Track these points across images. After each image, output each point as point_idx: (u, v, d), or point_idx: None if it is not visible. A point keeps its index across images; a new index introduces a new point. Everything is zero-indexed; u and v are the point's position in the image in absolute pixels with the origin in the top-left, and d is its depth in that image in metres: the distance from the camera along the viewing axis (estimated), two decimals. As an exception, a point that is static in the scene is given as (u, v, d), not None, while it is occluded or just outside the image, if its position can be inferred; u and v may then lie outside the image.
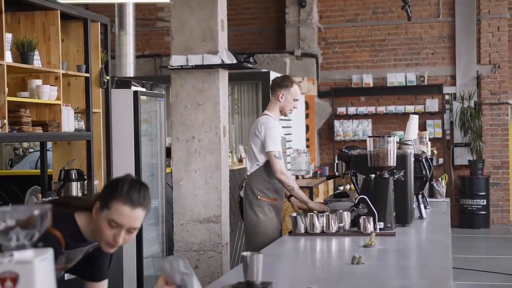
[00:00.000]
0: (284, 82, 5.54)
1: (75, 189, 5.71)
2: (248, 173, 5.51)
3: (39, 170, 6.08)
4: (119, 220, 2.69)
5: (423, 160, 5.27)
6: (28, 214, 1.82)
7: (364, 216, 4.42)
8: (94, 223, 2.78)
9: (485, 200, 12.84)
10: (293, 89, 5.52)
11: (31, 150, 9.25)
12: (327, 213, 4.51)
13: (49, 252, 1.86)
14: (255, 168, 5.44)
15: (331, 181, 11.77)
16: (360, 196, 4.56)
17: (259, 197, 5.41)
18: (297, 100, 5.57)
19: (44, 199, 5.94)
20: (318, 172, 11.42)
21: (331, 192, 10.61)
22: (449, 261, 3.54)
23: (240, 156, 8.69)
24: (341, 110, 13.53)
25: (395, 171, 4.67)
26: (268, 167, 5.39)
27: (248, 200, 5.46)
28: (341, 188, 12.60)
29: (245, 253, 2.83)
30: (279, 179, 5.32)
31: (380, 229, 4.44)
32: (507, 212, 13.27)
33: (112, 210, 2.69)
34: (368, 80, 13.45)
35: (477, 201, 12.82)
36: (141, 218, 2.74)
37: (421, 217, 5.22)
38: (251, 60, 6.36)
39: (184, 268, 2.75)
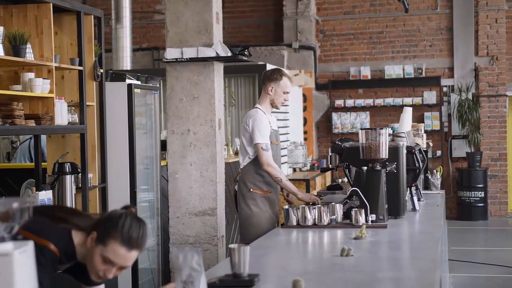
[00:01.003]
0: (273, 75, 5.53)
1: (69, 182, 5.70)
2: (240, 167, 5.54)
3: (33, 164, 6.08)
4: (113, 259, 2.71)
5: (416, 152, 5.27)
6: (7, 207, 1.82)
7: (356, 209, 4.43)
8: (88, 251, 2.77)
9: (483, 192, 12.85)
10: (282, 82, 5.51)
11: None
12: (319, 206, 4.52)
13: (29, 245, 1.87)
14: (247, 161, 5.46)
15: (328, 174, 11.78)
16: (352, 189, 4.56)
17: (251, 189, 5.42)
18: (287, 92, 5.56)
19: (26, 185, 5.91)
20: (316, 164, 11.43)
21: (328, 184, 10.61)
22: (437, 253, 3.54)
23: (236, 149, 8.70)
24: (339, 102, 13.52)
25: (387, 163, 4.68)
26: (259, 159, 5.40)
27: (241, 193, 5.48)
28: (339, 180, 12.62)
29: (232, 246, 2.84)
30: (266, 171, 5.33)
31: (372, 221, 4.45)
32: (505, 204, 13.28)
33: (108, 248, 2.70)
34: (366, 72, 13.44)
35: (475, 193, 12.83)
36: (134, 258, 2.76)
37: (414, 209, 5.23)
38: (246, 52, 6.35)
39: (196, 264, 2.75)
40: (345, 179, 12.03)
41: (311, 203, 5.14)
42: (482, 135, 13.07)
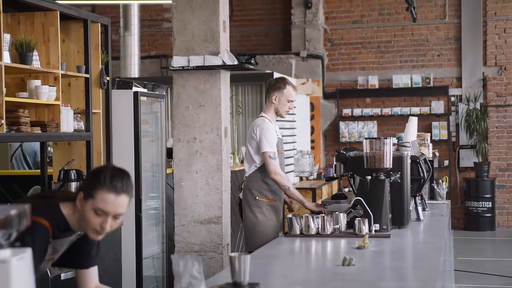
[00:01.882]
0: (277, 84, 5.56)
1: (74, 189, 5.72)
2: (246, 175, 5.55)
3: (39, 171, 6.10)
4: (105, 208, 2.79)
5: (421, 162, 5.26)
6: (5, 214, 1.83)
7: (359, 218, 4.42)
8: (79, 213, 2.85)
9: (490, 202, 12.80)
10: (286, 90, 5.52)
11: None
12: (323, 215, 4.51)
13: (27, 252, 1.87)
14: (253, 169, 5.48)
15: (335, 183, 11.76)
16: (356, 198, 4.56)
17: (257, 197, 5.44)
18: (292, 101, 5.57)
19: (32, 192, 5.96)
20: (323, 173, 11.41)
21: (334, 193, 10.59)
22: (439, 263, 3.53)
23: (242, 157, 8.70)
24: (346, 111, 13.52)
25: (391, 173, 4.67)
26: (265, 168, 5.41)
27: (247, 201, 5.49)
28: (346, 190, 12.60)
29: (232, 254, 2.84)
30: (273, 180, 5.34)
31: (375, 231, 4.44)
32: (512, 214, 13.23)
33: (97, 199, 2.79)
34: (373, 81, 13.43)
35: (482, 204, 12.78)
36: (125, 204, 2.83)
37: (418, 219, 5.21)
38: (252, 61, 6.36)
39: (197, 272, 2.76)
40: (346, 189, 12.03)
41: (316, 212, 5.15)
42: (490, 145, 13.04)
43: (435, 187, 6.71)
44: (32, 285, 1.88)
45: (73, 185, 5.72)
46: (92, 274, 3.15)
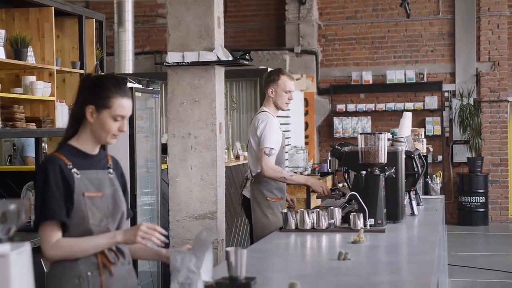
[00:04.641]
0: (271, 76, 5.47)
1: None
2: (253, 173, 5.41)
3: (34, 166, 6.10)
4: (123, 113, 2.93)
5: (415, 157, 5.28)
6: (4, 209, 1.84)
7: (354, 213, 4.44)
8: (92, 128, 2.94)
9: (483, 197, 12.85)
10: (280, 81, 5.42)
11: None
12: (318, 210, 4.52)
13: (26, 246, 1.89)
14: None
15: (329, 178, 11.79)
16: (351, 193, 4.57)
17: (268, 198, 5.35)
18: (289, 91, 5.45)
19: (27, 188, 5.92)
20: (317, 169, 11.42)
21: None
22: (434, 257, 3.55)
23: (237, 153, 8.71)
24: (340, 107, 13.54)
25: (386, 168, 4.68)
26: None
27: (257, 201, 5.39)
28: (340, 185, 12.62)
29: (228, 249, 2.85)
30: (267, 177, 5.27)
31: (370, 225, 4.46)
32: (505, 209, 13.28)
33: (114, 107, 2.91)
34: (367, 77, 13.46)
35: (475, 199, 12.83)
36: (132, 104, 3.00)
37: (413, 214, 5.23)
38: (247, 57, 6.36)
39: (194, 267, 2.78)
40: (340, 184, 12.05)
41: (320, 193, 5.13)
42: (483, 140, 13.08)
43: (429, 182, 6.74)
44: (31, 278, 1.90)
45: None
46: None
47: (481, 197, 12.83)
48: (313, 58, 13.55)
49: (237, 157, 8.53)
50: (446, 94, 13.33)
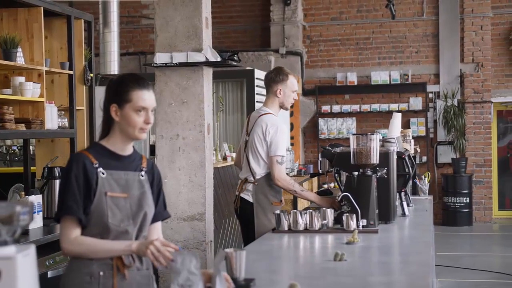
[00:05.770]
0: (279, 76, 5.28)
1: (58, 186, 5.67)
2: (257, 176, 5.25)
3: (22, 168, 6.05)
4: (144, 104, 2.96)
5: (406, 158, 5.29)
6: (10, 211, 1.82)
7: (347, 214, 4.44)
8: (120, 126, 2.99)
9: (468, 198, 12.93)
10: (289, 81, 5.28)
11: (14, 147, 9.21)
12: (311, 211, 4.52)
13: (31, 249, 1.86)
14: (266, 172, 5.22)
15: (315, 179, 11.82)
16: (343, 194, 4.57)
17: (273, 203, 5.25)
18: (295, 91, 5.35)
19: (13, 190, 5.87)
20: (303, 170, 11.45)
21: (315, 190, 10.63)
22: (430, 258, 3.56)
23: (224, 154, 8.70)
24: (325, 108, 13.56)
25: (378, 168, 4.69)
26: None
27: (261, 205, 5.24)
28: (325, 186, 12.65)
29: (228, 250, 2.84)
30: (277, 186, 5.15)
31: (363, 226, 4.46)
32: (489, 209, 13.36)
33: (134, 100, 2.96)
34: (352, 78, 13.49)
35: (460, 199, 12.90)
36: (154, 98, 3.04)
37: (403, 214, 5.25)
38: (235, 58, 6.36)
39: (194, 268, 2.76)
40: (332, 184, 12.07)
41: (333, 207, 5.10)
42: (467, 141, 13.16)
43: (418, 182, 6.76)
44: (36, 281, 1.87)
45: (57, 183, 5.67)
46: (157, 228, 3.22)
47: (465, 198, 12.90)
48: (298, 59, 13.56)
49: (224, 158, 8.51)
50: (430, 95, 13.39)
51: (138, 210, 3.04)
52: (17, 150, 9.40)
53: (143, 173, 3.09)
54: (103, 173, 2.96)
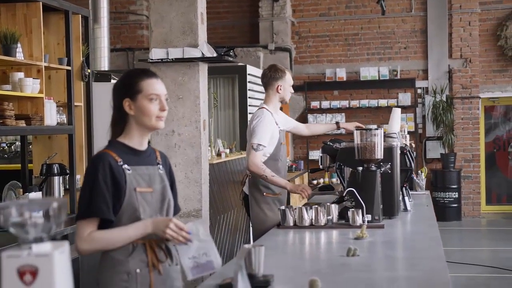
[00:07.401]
0: (278, 73, 5.53)
1: (57, 183, 5.63)
2: (251, 169, 5.33)
3: (19, 165, 5.99)
4: (155, 91, 2.98)
5: (408, 152, 5.30)
6: (46, 207, 1.79)
7: (353, 209, 4.43)
8: (135, 118, 2.98)
9: (456, 193, 12.99)
10: (287, 76, 5.58)
11: (4, 144, 9.12)
12: (316, 206, 4.51)
13: (65, 246, 1.84)
14: None
15: (305, 175, 11.82)
16: (349, 189, 4.56)
17: (265, 193, 5.35)
18: (292, 84, 5.66)
19: (9, 187, 5.80)
20: (293, 166, 11.45)
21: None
22: (442, 252, 3.57)
23: (219, 150, 8.67)
24: (314, 104, 13.56)
25: (381, 163, 4.68)
26: (270, 162, 5.32)
27: (254, 197, 5.38)
28: (315, 182, 12.67)
29: (247, 246, 2.82)
30: (250, 171, 5.28)
31: (368, 221, 4.46)
32: (478, 204, 13.43)
33: (145, 89, 2.97)
34: (341, 74, 13.50)
35: (449, 194, 12.96)
36: (163, 85, 3.07)
37: (405, 209, 5.25)
38: (231, 53, 6.34)
39: (203, 235, 2.76)
40: (321, 180, 12.06)
41: (303, 197, 5.18)
42: (456, 136, 13.21)
43: (415, 177, 6.77)
44: (71, 278, 1.85)
45: (56, 180, 5.63)
46: None
47: (454, 193, 12.96)
48: (287, 55, 13.55)
49: (219, 154, 8.48)
50: (419, 91, 13.43)
51: (162, 204, 3.04)
52: (6, 147, 9.31)
53: (160, 166, 3.09)
54: (128, 169, 2.95)
